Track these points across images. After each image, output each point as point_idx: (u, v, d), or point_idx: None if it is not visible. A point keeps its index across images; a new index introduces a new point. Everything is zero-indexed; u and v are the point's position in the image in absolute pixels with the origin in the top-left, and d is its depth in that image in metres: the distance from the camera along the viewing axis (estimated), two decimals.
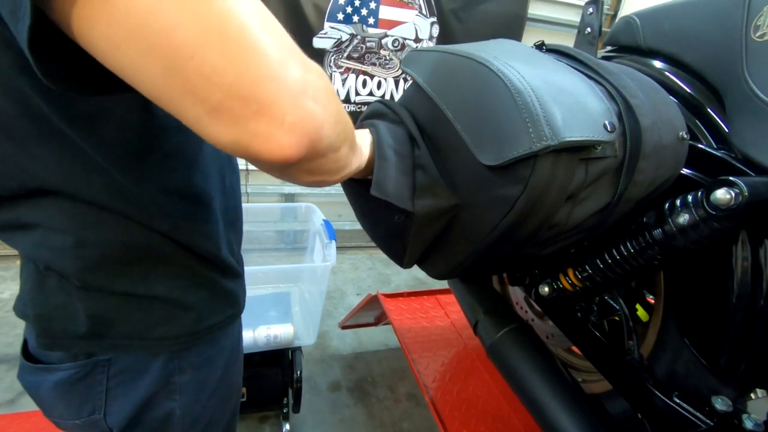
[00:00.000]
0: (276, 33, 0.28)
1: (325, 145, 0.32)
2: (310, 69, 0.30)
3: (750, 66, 0.60)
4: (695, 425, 0.59)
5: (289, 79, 0.27)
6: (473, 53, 0.54)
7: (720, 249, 0.58)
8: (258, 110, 0.27)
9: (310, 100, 0.29)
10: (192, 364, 0.54)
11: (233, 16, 0.26)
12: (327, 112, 0.30)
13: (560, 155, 0.46)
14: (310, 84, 0.29)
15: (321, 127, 0.30)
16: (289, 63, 0.28)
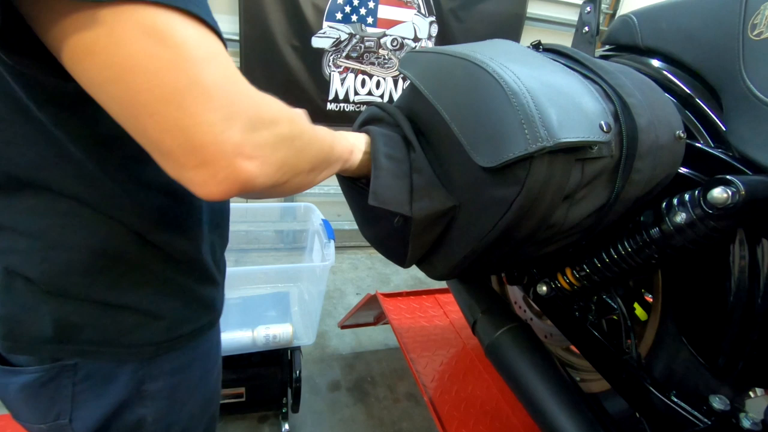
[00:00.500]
0: (231, 99, 0.33)
1: (261, 188, 0.37)
2: (258, 127, 0.35)
3: (747, 64, 0.60)
4: (693, 424, 0.59)
5: (226, 144, 0.32)
6: (469, 54, 0.54)
7: (717, 248, 0.58)
8: (198, 164, 0.33)
9: (244, 161, 0.34)
10: (164, 371, 0.53)
11: (194, 88, 0.31)
12: (266, 164, 0.36)
13: (556, 156, 0.46)
14: (248, 145, 0.34)
15: (253, 179, 0.35)
16: (232, 129, 0.32)
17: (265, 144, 0.35)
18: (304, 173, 0.44)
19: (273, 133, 0.36)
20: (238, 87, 0.34)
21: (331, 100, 2.37)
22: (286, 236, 1.89)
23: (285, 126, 0.38)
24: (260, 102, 0.36)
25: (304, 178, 0.44)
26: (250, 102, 0.34)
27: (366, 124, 0.69)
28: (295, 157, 0.40)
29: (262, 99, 0.36)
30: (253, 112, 0.34)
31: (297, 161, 0.41)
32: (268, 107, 0.37)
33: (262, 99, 0.36)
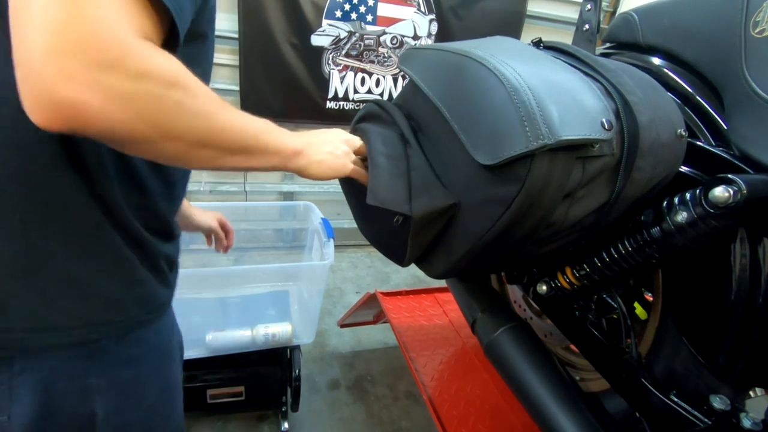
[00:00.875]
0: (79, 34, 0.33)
1: (99, 124, 0.35)
2: (112, 70, 0.34)
3: (749, 62, 0.60)
4: (693, 424, 0.59)
5: (49, 67, 0.32)
6: (470, 51, 0.54)
7: (718, 247, 0.58)
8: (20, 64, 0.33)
9: (69, 88, 0.33)
10: (112, 363, 0.51)
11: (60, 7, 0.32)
12: (110, 102, 0.35)
13: (557, 154, 0.46)
14: (86, 77, 0.33)
15: (83, 110, 0.34)
16: (64, 59, 0.32)
17: (112, 86, 0.34)
18: (185, 142, 0.42)
19: (134, 84, 0.35)
20: (104, 27, 0.33)
21: (330, 99, 2.37)
22: (285, 235, 1.89)
23: (158, 86, 0.37)
24: (132, 52, 0.35)
25: (187, 148, 0.42)
26: (110, 45, 0.34)
27: (363, 121, 0.69)
28: (166, 118, 0.39)
29: (140, 50, 0.35)
30: (111, 50, 0.34)
31: (167, 122, 0.39)
32: (142, 61, 0.35)
33: (140, 50, 0.35)
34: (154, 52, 0.37)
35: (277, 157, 0.52)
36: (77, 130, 0.35)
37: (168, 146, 0.41)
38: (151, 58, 0.36)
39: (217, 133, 0.44)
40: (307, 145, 0.56)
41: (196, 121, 0.41)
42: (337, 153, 0.59)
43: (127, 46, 0.35)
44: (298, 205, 1.71)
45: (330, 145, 0.59)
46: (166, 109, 0.39)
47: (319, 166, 0.56)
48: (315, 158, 0.56)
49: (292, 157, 0.54)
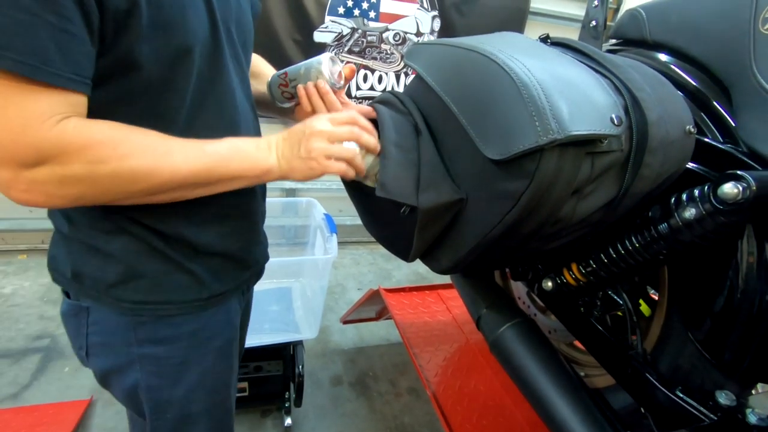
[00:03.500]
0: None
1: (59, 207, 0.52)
2: (36, 165, 0.42)
3: (758, 59, 0.59)
4: (699, 419, 0.59)
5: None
6: (478, 46, 0.54)
7: (725, 243, 0.58)
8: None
9: (21, 194, 0.44)
10: (149, 338, 0.58)
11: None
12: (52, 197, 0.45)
13: (566, 149, 0.46)
14: (22, 181, 0.43)
15: (42, 205, 0.46)
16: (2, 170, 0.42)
17: (44, 180, 0.43)
18: (141, 195, 0.48)
19: (55, 171, 0.42)
20: (9, 134, 0.40)
21: None
22: (287, 231, 1.89)
23: (84, 165, 0.43)
24: (40, 143, 0.41)
25: (146, 197, 0.49)
26: (22, 145, 0.41)
27: (380, 104, 0.68)
28: (108, 187, 0.45)
29: (49, 141, 0.41)
30: (27, 153, 0.41)
31: (113, 188, 0.46)
32: (57, 150, 0.42)
33: (49, 141, 0.41)
34: (64, 134, 0.42)
35: (244, 180, 0.54)
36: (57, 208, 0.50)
37: (129, 201, 0.49)
38: (66, 142, 0.42)
39: (166, 181, 0.48)
40: (277, 159, 0.55)
41: (140, 180, 0.46)
42: (306, 157, 0.55)
43: (35, 143, 0.41)
44: (301, 202, 1.71)
45: (301, 149, 0.55)
46: (103, 180, 0.45)
47: (293, 174, 0.56)
48: (286, 169, 0.55)
49: (263, 176, 0.55)
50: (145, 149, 0.46)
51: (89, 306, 0.57)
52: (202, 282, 0.60)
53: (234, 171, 0.52)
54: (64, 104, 0.42)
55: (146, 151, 0.46)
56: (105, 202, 0.47)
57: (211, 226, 0.59)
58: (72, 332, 0.61)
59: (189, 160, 0.49)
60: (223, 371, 0.67)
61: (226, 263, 0.63)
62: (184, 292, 0.59)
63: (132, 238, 0.54)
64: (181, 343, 0.60)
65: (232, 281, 0.64)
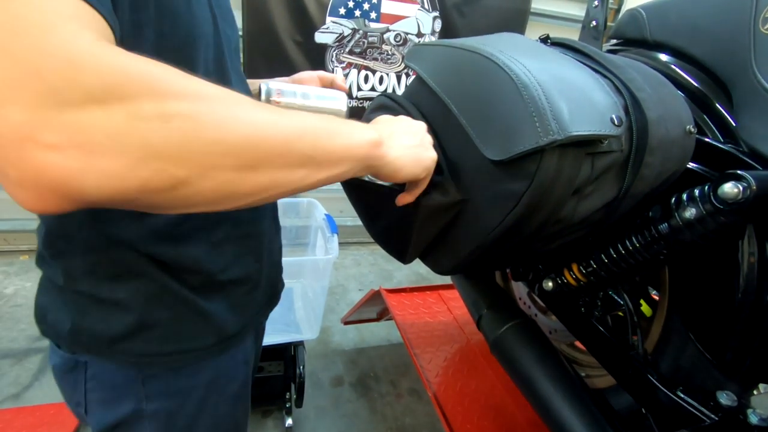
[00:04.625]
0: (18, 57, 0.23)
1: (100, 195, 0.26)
2: (81, 101, 0.24)
3: (758, 59, 0.59)
4: (700, 420, 0.59)
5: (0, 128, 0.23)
6: (478, 47, 0.54)
7: (726, 244, 0.58)
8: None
9: (41, 151, 0.23)
10: (160, 391, 0.51)
11: None
12: (99, 155, 0.24)
13: (567, 150, 0.46)
14: (49, 126, 0.23)
15: (71, 179, 0.24)
16: (5, 106, 0.23)
17: (93, 125, 0.24)
18: (229, 168, 0.30)
19: (129, 110, 0.25)
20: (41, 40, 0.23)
21: None
22: (288, 232, 1.89)
23: (152, 102, 0.26)
24: (93, 64, 0.24)
25: (232, 176, 0.31)
26: (63, 62, 0.23)
27: (376, 112, 0.69)
28: (199, 139, 0.28)
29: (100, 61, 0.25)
30: (69, 77, 0.23)
31: (192, 145, 0.28)
32: (122, 75, 0.25)
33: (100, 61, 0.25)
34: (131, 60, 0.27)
35: (347, 162, 0.40)
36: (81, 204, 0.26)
37: (207, 184, 0.30)
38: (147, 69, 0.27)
39: (267, 143, 0.32)
40: (386, 138, 0.44)
41: (230, 137, 0.30)
42: (420, 144, 0.48)
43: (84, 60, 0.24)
44: (302, 202, 1.71)
45: (410, 137, 0.47)
46: (200, 126, 0.28)
47: (410, 163, 0.46)
48: (395, 150, 0.45)
49: (371, 151, 0.42)
50: (235, 97, 0.32)
51: (87, 360, 0.49)
52: (220, 322, 0.52)
53: (339, 145, 0.39)
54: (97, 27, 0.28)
55: (238, 100, 0.32)
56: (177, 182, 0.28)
57: (229, 245, 0.51)
58: (67, 388, 0.52)
59: (288, 121, 0.34)
60: (237, 416, 0.61)
61: (243, 290, 0.55)
62: (201, 337, 0.51)
63: (142, 281, 0.46)
64: (197, 393, 0.53)
65: (250, 310, 0.57)
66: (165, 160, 0.27)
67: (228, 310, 0.52)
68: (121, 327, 0.46)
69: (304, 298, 1.58)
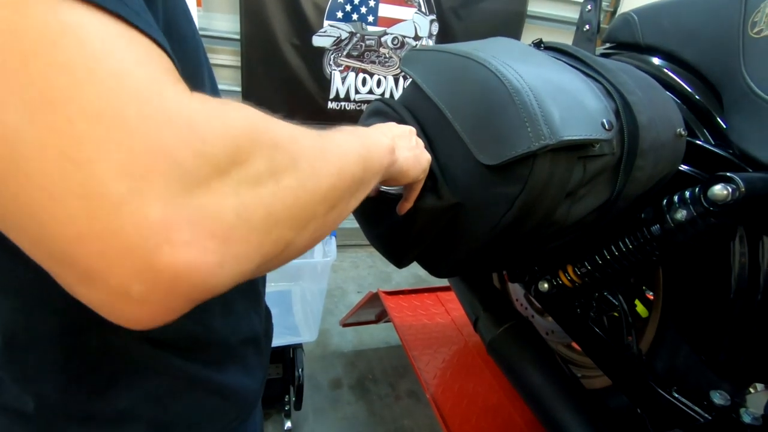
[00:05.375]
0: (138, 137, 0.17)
1: (227, 286, 0.21)
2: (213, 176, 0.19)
3: (747, 62, 0.60)
4: (694, 419, 0.60)
5: (129, 229, 0.17)
6: (471, 53, 0.54)
7: (718, 245, 0.58)
8: (81, 279, 0.18)
9: (177, 252, 0.18)
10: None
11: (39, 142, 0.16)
12: (237, 243, 0.20)
13: (559, 154, 0.46)
14: (185, 220, 0.18)
15: (210, 277, 0.19)
16: (137, 199, 0.17)
17: (224, 205, 0.19)
18: (322, 209, 0.27)
19: (240, 181, 0.20)
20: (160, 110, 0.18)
21: (332, 99, 2.37)
22: None
23: (262, 157, 0.22)
24: (211, 127, 0.19)
25: (321, 223, 0.27)
26: (185, 131, 0.18)
27: (372, 117, 0.70)
28: (291, 195, 0.24)
29: (214, 121, 0.20)
30: (197, 150, 0.18)
31: (295, 200, 0.24)
32: (228, 132, 0.20)
33: (214, 121, 0.20)
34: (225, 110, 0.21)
35: (379, 173, 0.38)
36: (200, 299, 0.20)
37: (305, 237, 0.26)
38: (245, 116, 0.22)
39: (340, 176, 0.29)
40: (394, 140, 0.42)
41: (319, 179, 0.26)
42: (415, 146, 0.48)
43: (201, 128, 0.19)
44: None
45: (408, 140, 0.47)
46: (287, 187, 0.23)
47: (410, 163, 0.45)
48: (404, 155, 0.44)
49: (388, 156, 0.40)
50: (312, 133, 0.28)
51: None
52: (239, 393, 0.44)
53: (376, 159, 0.36)
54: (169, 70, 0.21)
55: (316, 136, 0.28)
56: (283, 246, 0.24)
57: (238, 301, 0.44)
58: None
59: (346, 150, 0.31)
60: None
61: (253, 349, 0.48)
62: (223, 414, 0.43)
63: (149, 376, 0.35)
64: None
65: (262, 370, 0.51)
66: (282, 226, 0.23)
67: (245, 376, 0.45)
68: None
69: (303, 300, 1.59)
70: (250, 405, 0.47)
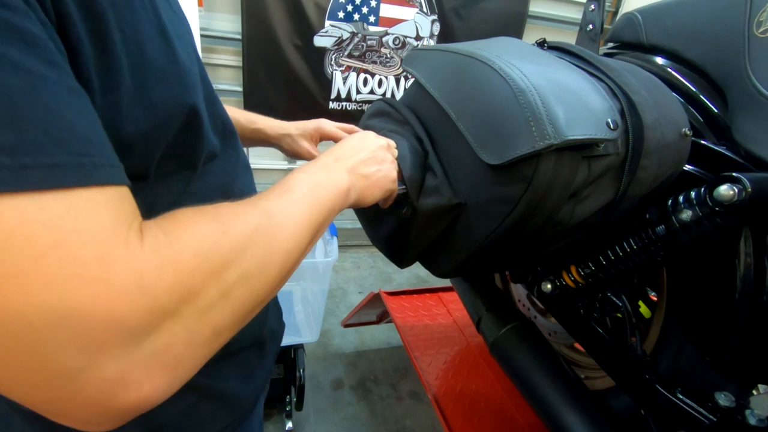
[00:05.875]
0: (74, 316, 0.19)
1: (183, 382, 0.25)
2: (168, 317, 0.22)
3: (752, 62, 0.60)
4: (698, 421, 0.59)
5: (89, 390, 0.20)
6: (476, 52, 0.54)
7: (723, 245, 0.58)
8: (49, 415, 0.21)
9: (131, 390, 0.21)
10: None
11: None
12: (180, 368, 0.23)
13: (563, 154, 0.46)
14: (139, 364, 0.21)
15: (157, 398, 0.23)
16: (93, 368, 0.20)
17: (174, 340, 0.22)
18: (272, 290, 0.31)
19: (189, 315, 0.23)
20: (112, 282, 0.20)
21: (333, 99, 2.37)
22: None
23: (212, 287, 0.24)
24: (161, 281, 0.22)
25: (275, 291, 0.31)
26: (136, 293, 0.21)
27: (373, 118, 0.69)
28: (242, 301, 0.27)
29: (165, 272, 0.22)
30: (146, 307, 0.21)
31: (245, 302, 0.27)
32: (177, 279, 0.23)
33: (165, 272, 0.22)
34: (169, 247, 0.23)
35: (334, 213, 0.41)
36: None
37: (257, 311, 0.30)
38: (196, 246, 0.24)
39: (289, 255, 0.32)
40: (350, 177, 0.44)
41: (270, 271, 0.29)
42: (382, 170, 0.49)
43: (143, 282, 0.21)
44: None
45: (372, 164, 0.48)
46: (240, 297, 0.27)
47: (370, 194, 0.47)
48: (361, 188, 0.46)
49: (345, 200, 0.43)
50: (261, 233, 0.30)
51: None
52: (236, 399, 0.45)
53: (327, 205, 0.40)
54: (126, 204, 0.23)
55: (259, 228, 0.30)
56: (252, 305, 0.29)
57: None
58: None
59: (294, 214, 0.34)
60: None
61: (255, 355, 0.49)
62: (218, 419, 0.44)
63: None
64: None
65: (262, 376, 0.51)
66: (231, 330, 0.27)
67: (242, 382, 0.46)
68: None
69: (304, 301, 1.58)
70: (247, 410, 0.47)
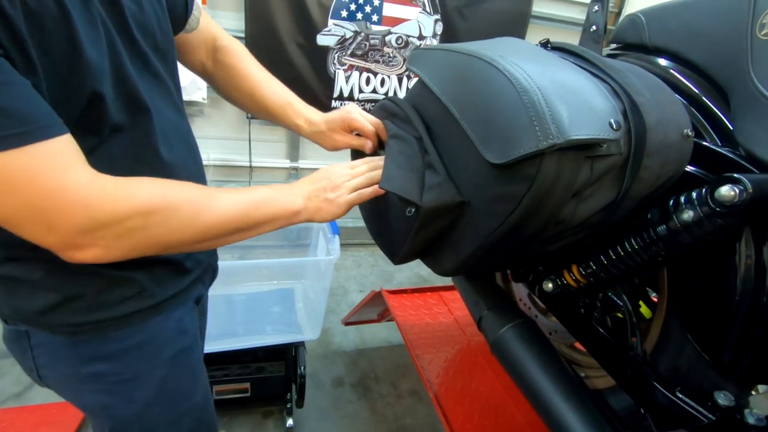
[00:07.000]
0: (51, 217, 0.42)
1: (118, 258, 0.48)
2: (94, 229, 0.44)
3: (755, 64, 0.60)
4: (698, 420, 0.60)
5: (53, 244, 0.44)
6: (480, 52, 0.55)
7: (724, 246, 0.58)
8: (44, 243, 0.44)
9: (79, 250, 0.45)
10: (92, 356, 0.56)
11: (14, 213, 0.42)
12: (111, 249, 0.46)
13: (566, 153, 0.46)
14: (81, 240, 0.44)
15: (99, 259, 0.46)
16: (53, 235, 0.43)
17: (103, 238, 0.44)
18: (185, 247, 0.52)
19: (115, 230, 0.44)
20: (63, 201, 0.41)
21: (336, 98, 2.38)
22: (290, 233, 1.90)
23: (136, 220, 0.45)
24: (96, 208, 0.43)
25: (187, 248, 0.53)
26: (78, 213, 0.42)
27: (379, 116, 0.70)
28: (157, 239, 0.48)
29: (100, 203, 0.43)
30: (82, 221, 0.42)
31: (160, 241, 0.48)
32: (107, 210, 0.44)
33: (100, 203, 0.43)
34: (116, 190, 0.44)
35: (277, 222, 0.58)
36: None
37: (173, 251, 0.53)
38: (117, 201, 0.44)
39: (209, 230, 0.51)
40: (305, 201, 0.60)
41: (186, 231, 0.50)
42: (332, 197, 0.61)
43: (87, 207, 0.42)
44: None
45: (326, 191, 0.61)
46: (155, 234, 0.47)
47: (320, 215, 0.61)
48: (312, 210, 0.61)
49: (294, 218, 0.59)
50: (191, 197, 0.50)
51: (27, 329, 0.55)
52: (144, 290, 0.57)
53: (269, 215, 0.57)
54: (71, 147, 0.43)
55: (192, 200, 0.50)
56: (153, 252, 0.50)
57: None
58: (18, 356, 0.58)
59: (232, 205, 0.53)
60: (180, 382, 0.65)
61: (166, 270, 0.60)
62: (126, 304, 0.56)
63: (57, 263, 0.47)
64: (128, 357, 0.58)
65: (174, 287, 0.62)
66: (145, 250, 0.49)
67: (150, 281, 0.58)
68: (44, 302, 0.52)
69: (305, 299, 1.59)
70: (155, 307, 0.59)
